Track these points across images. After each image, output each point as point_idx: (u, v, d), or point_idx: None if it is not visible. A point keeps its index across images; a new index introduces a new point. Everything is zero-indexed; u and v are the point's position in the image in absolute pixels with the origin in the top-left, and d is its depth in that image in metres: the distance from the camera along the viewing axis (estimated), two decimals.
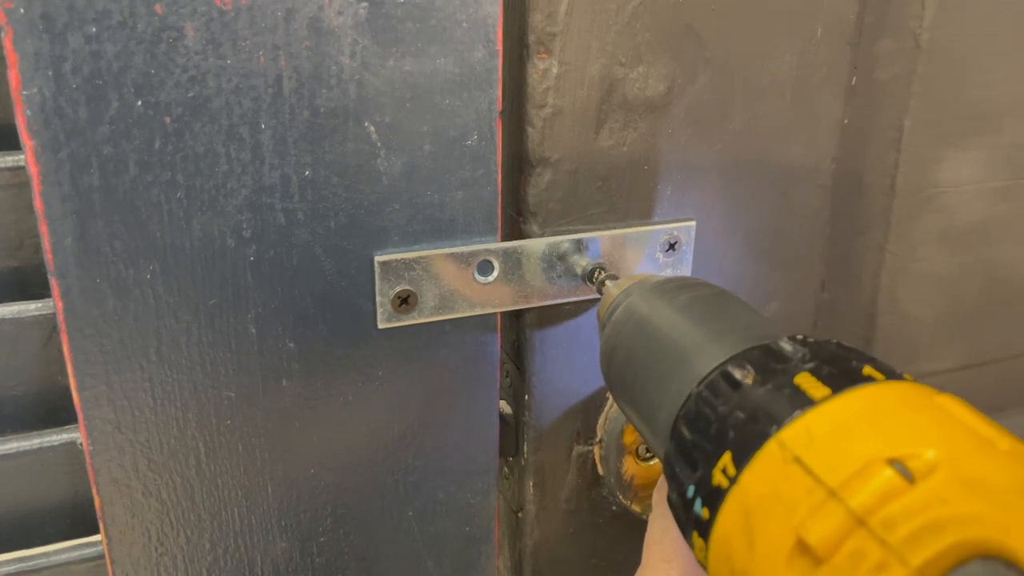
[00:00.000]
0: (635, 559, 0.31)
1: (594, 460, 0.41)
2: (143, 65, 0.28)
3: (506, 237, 0.37)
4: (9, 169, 0.29)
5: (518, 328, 0.39)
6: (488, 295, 0.36)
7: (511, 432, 0.41)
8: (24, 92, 0.27)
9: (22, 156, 0.30)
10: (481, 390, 0.38)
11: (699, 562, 0.23)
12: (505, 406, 0.41)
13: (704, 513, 0.22)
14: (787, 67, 0.38)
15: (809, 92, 0.39)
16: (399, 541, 0.39)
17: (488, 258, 0.35)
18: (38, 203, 0.28)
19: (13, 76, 0.27)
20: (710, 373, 0.25)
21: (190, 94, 0.29)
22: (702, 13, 0.35)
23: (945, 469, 0.18)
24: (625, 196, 0.37)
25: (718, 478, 0.22)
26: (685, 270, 0.39)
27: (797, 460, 0.20)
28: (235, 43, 0.29)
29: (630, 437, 0.41)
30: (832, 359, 0.23)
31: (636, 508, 0.42)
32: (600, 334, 0.33)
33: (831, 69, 0.39)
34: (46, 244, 0.29)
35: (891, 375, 0.22)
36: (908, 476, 0.18)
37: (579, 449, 0.41)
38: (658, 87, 0.36)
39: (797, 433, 0.21)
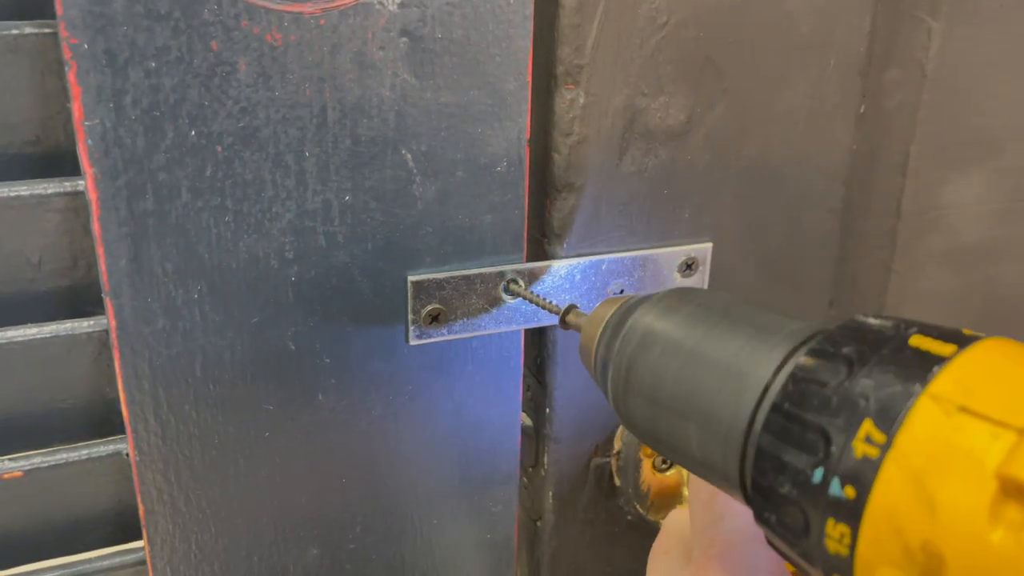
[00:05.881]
0: None
1: (612, 471, 0.43)
2: (198, 97, 0.30)
3: (531, 258, 0.38)
4: (66, 194, 0.31)
5: (540, 344, 0.40)
6: (513, 313, 0.37)
7: (532, 444, 0.43)
8: (86, 123, 0.29)
9: (79, 182, 0.31)
10: (504, 403, 0.39)
11: (829, 555, 0.21)
12: (526, 418, 0.43)
13: (848, 493, 0.20)
14: (801, 96, 0.39)
15: (821, 120, 0.40)
16: (424, 548, 0.40)
17: (515, 278, 0.37)
18: (96, 227, 0.30)
19: (76, 108, 0.28)
20: (792, 353, 0.23)
21: (240, 124, 0.30)
22: (721, 46, 0.37)
23: None
24: (645, 219, 0.38)
25: (862, 449, 0.20)
26: None
27: (964, 409, 0.19)
28: (284, 76, 0.30)
29: (648, 449, 0.42)
30: (923, 325, 0.22)
31: (652, 517, 0.44)
32: (591, 368, 0.31)
33: (842, 98, 0.40)
34: (102, 266, 0.30)
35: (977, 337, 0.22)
36: None
37: (597, 461, 0.43)
38: (678, 116, 0.37)
39: (950, 385, 0.20)
